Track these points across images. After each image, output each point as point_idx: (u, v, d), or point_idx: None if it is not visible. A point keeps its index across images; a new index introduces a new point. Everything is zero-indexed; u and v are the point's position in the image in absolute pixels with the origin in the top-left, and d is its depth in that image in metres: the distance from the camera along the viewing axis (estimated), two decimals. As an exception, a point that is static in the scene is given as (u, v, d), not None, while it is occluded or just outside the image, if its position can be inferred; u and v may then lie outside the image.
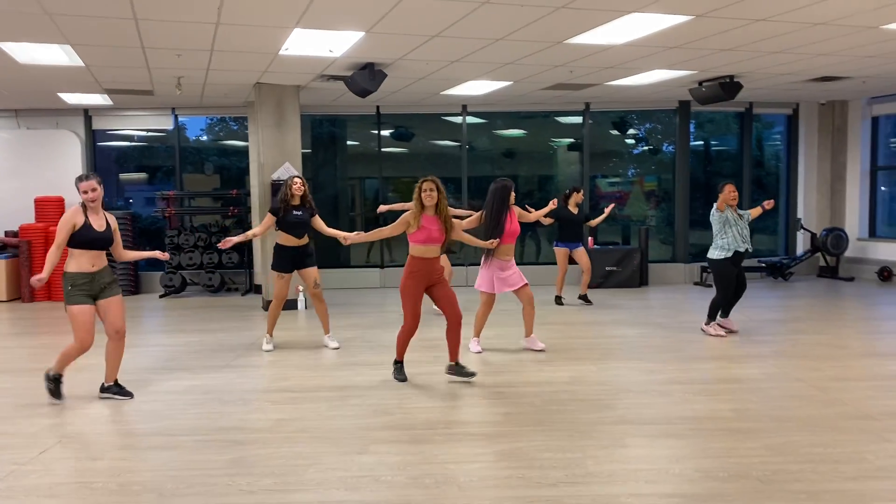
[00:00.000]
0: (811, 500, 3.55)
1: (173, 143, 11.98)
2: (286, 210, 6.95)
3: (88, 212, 5.25)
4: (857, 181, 12.53)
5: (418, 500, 3.66)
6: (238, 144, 12.80)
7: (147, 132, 12.42)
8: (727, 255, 7.37)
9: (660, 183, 13.25)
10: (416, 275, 5.72)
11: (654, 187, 13.26)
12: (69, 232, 5.17)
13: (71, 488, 3.88)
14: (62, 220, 5.21)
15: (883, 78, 9.89)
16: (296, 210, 6.96)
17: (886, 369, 6.13)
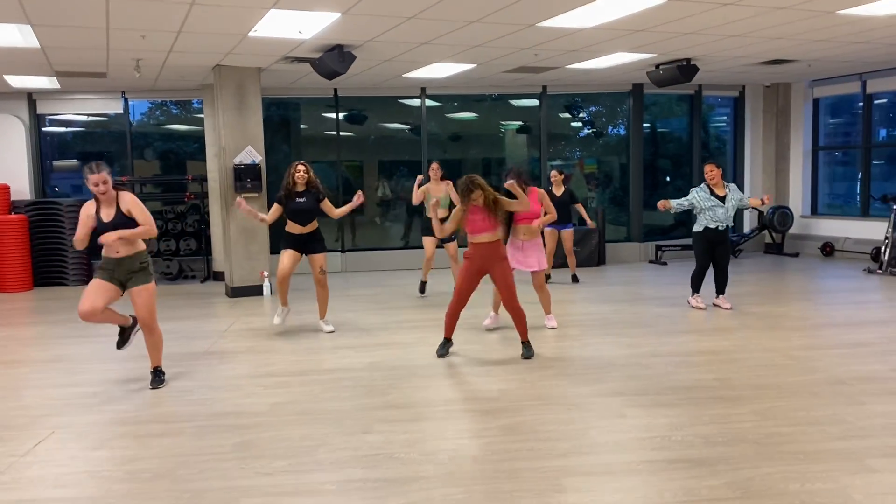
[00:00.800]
0: (808, 461, 3.77)
1: (119, 128, 11.64)
2: (289, 197, 6.85)
3: (100, 203, 5.17)
4: (799, 161, 13.07)
5: (437, 474, 3.73)
6: (181, 129, 12.51)
7: (90, 117, 12.01)
8: (699, 229, 7.69)
9: (599, 165, 13.50)
10: (471, 258, 5.96)
11: (594, 169, 13.51)
12: (88, 225, 5.16)
13: (77, 478, 3.82)
14: (82, 212, 5.21)
15: (827, 61, 10.32)
16: (299, 197, 6.85)
17: (848, 338, 6.48)
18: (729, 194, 7.70)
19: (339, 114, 12.16)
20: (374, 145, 12.97)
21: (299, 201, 6.86)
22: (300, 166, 6.90)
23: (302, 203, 6.87)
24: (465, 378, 5.54)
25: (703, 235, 7.71)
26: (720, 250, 7.76)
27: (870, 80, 11.78)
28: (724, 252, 7.81)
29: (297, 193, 6.86)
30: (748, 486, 3.47)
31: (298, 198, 6.86)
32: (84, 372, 5.96)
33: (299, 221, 6.91)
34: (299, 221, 6.91)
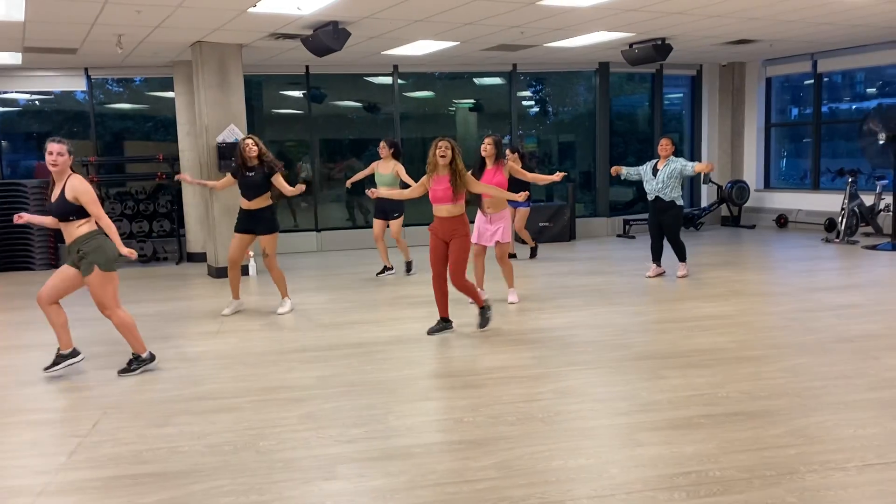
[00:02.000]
0: (851, 409, 4.10)
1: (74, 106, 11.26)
2: (241, 171, 6.84)
3: (53, 181, 4.91)
4: (753, 137, 13.69)
5: (514, 434, 3.90)
6: (123, 108, 12.16)
7: (39, 96, 11.57)
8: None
9: (538, 143, 13.76)
10: (432, 230, 5.97)
11: (535, 148, 13.77)
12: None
13: (158, 454, 3.82)
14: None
15: (788, 41, 10.83)
16: (249, 171, 6.80)
17: (836, 301, 6.94)
18: (668, 167, 8.01)
19: (309, 91, 12.04)
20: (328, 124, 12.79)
21: (248, 175, 6.82)
22: (248, 140, 6.82)
23: (250, 177, 6.81)
24: (494, 347, 5.69)
25: (649, 206, 8.14)
26: (663, 218, 8.12)
27: (820, 59, 12.41)
28: (668, 221, 8.14)
29: (248, 168, 6.80)
30: (807, 433, 3.77)
31: (248, 172, 6.81)
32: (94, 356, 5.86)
33: (246, 196, 6.88)
34: (246, 196, 6.88)
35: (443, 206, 5.87)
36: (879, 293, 7.29)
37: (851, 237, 10.81)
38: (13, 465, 3.74)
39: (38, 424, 4.33)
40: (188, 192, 10.89)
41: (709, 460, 3.47)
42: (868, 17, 8.83)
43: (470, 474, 3.44)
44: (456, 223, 5.88)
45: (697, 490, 3.18)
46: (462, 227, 5.88)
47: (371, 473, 3.49)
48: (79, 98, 11.60)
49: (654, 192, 7.99)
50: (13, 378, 5.31)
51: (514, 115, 12.78)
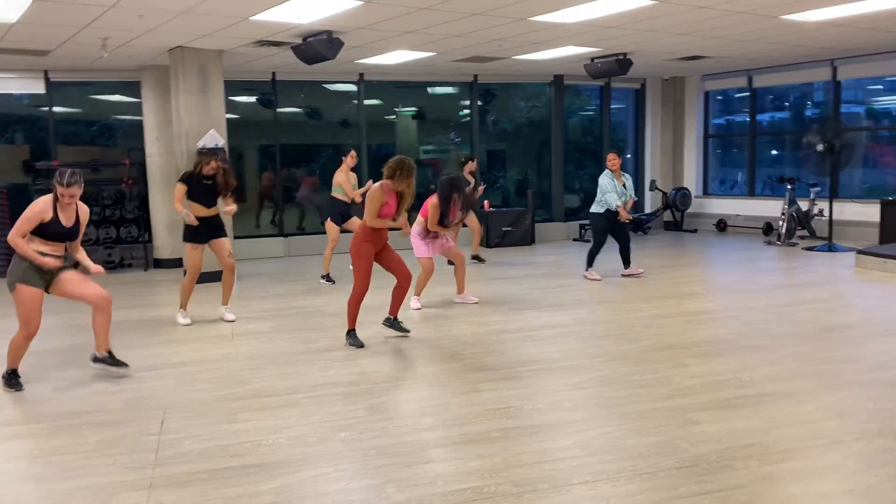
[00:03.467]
0: (861, 388, 4.64)
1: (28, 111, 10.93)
2: (196, 180, 6.82)
3: (59, 206, 4.91)
4: (693, 147, 14.56)
5: (579, 419, 4.23)
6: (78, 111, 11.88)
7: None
8: (602, 211, 8.59)
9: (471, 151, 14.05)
10: (371, 242, 5.87)
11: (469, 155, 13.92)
12: (33, 226, 4.85)
13: (245, 447, 3.94)
14: (30, 211, 4.84)
15: (733, 58, 11.65)
16: (206, 179, 6.84)
17: (803, 296, 7.61)
18: (627, 183, 8.63)
19: (276, 98, 12.07)
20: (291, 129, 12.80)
21: (206, 183, 6.84)
22: (213, 162, 6.85)
23: (208, 185, 6.85)
24: (505, 346, 6.02)
25: (605, 216, 8.60)
26: (621, 228, 8.69)
27: (755, 75, 13.37)
28: (624, 229, 8.75)
29: (205, 177, 6.84)
30: (837, 408, 4.26)
31: (206, 180, 6.84)
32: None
33: (206, 203, 6.86)
34: (206, 203, 6.86)
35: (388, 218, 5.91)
36: (839, 289, 8.04)
37: (790, 240, 11.70)
38: (103, 463, 3.79)
39: (103, 425, 4.35)
40: (156, 198, 10.74)
41: (763, 434, 3.91)
42: (814, 38, 9.67)
43: (556, 453, 3.75)
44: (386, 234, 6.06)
45: (782, 454, 3.60)
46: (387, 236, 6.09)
47: (465, 456, 3.74)
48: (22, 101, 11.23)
49: (623, 203, 8.51)
50: (48, 385, 5.25)
51: (475, 123, 13.16)
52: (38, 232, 4.87)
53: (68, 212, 4.97)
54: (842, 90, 12.47)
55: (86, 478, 3.62)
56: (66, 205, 4.92)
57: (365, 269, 5.86)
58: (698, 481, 3.37)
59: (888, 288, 7.94)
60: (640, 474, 3.46)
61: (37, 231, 4.86)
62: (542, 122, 14.25)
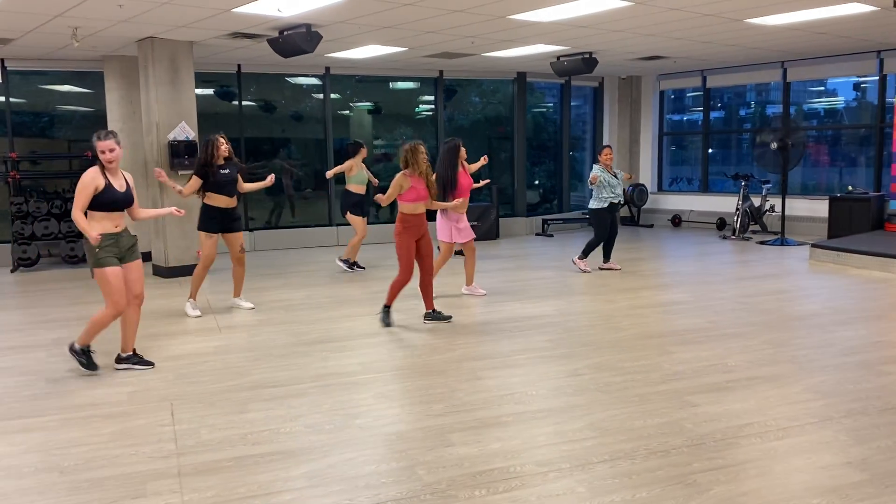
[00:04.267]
0: (838, 371, 4.96)
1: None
2: (214, 170, 6.79)
3: (107, 172, 4.98)
4: (649, 144, 15.00)
5: (582, 403, 4.42)
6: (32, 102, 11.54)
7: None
8: (603, 205, 8.85)
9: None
10: (409, 230, 6.26)
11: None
12: (90, 196, 4.90)
13: (263, 436, 4.00)
14: (81, 182, 4.92)
15: (691, 59, 12.07)
16: (223, 169, 6.83)
17: (766, 287, 7.99)
18: (618, 174, 8.97)
19: (241, 90, 11.97)
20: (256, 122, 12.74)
21: (224, 172, 6.83)
22: (220, 138, 6.84)
23: (227, 174, 6.85)
24: (496, 335, 6.19)
25: (607, 210, 8.90)
26: (616, 219, 9.02)
27: (709, 75, 13.86)
28: (615, 225, 9.08)
29: (220, 166, 6.82)
30: (820, 389, 4.56)
31: (223, 169, 6.83)
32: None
33: (227, 193, 6.87)
34: (227, 193, 6.87)
35: (423, 203, 6.31)
36: (798, 280, 8.46)
37: (745, 234, 12.19)
38: (125, 454, 3.81)
39: (112, 417, 4.35)
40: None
41: (758, 413, 4.17)
42: (769, 41, 10.11)
43: (570, 435, 3.93)
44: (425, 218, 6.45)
45: (781, 431, 3.85)
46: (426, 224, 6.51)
47: (484, 439, 3.89)
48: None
49: (618, 193, 8.79)
50: (40, 377, 5.19)
51: (440, 119, 13.29)
52: (97, 205, 4.91)
53: (118, 177, 5.03)
54: (771, 91, 13.05)
55: (110, 468, 3.64)
56: (111, 165, 4.95)
57: (406, 258, 6.24)
58: (709, 458, 3.59)
59: (843, 279, 8.40)
60: (654, 452, 3.67)
61: (96, 204, 4.91)
62: (498, 118, 14.46)
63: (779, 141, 11.17)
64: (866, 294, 7.57)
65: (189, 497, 3.30)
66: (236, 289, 7.29)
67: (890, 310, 6.81)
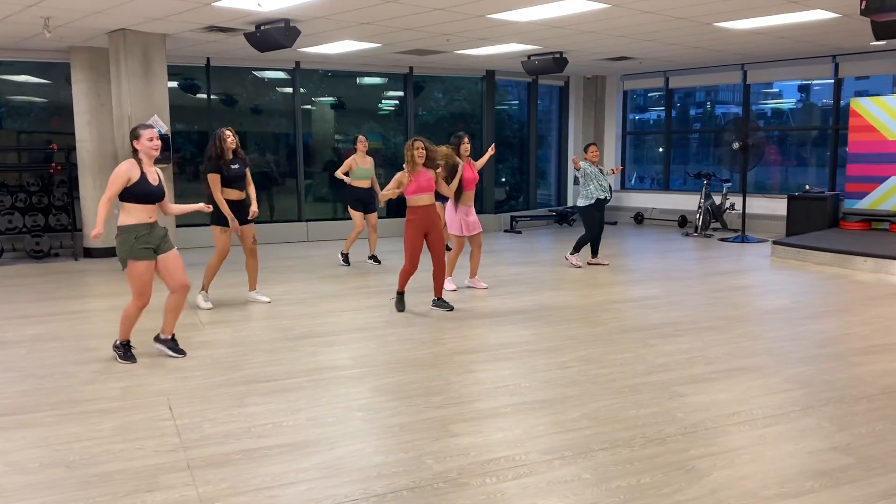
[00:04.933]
0: (813, 362, 5.20)
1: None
2: (225, 164, 6.83)
3: (143, 165, 5.04)
4: (613, 143, 15.30)
5: (575, 394, 4.56)
6: None
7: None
8: (590, 201, 9.05)
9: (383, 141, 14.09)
10: (415, 221, 6.52)
11: (380, 146, 14.03)
12: (122, 185, 4.97)
13: (266, 429, 4.04)
14: (116, 172, 5.00)
15: (655, 60, 12.36)
16: (232, 163, 6.86)
17: (734, 282, 8.28)
18: (604, 170, 9.21)
19: (209, 84, 11.85)
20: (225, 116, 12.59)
21: (235, 168, 6.85)
22: (227, 131, 6.83)
23: (237, 169, 6.87)
24: (506, 325, 6.31)
25: (595, 206, 9.12)
26: (602, 217, 9.24)
27: (672, 76, 14.20)
28: (602, 221, 9.30)
29: (230, 160, 6.84)
30: (799, 379, 4.78)
31: (233, 164, 6.85)
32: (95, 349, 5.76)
33: (238, 187, 6.91)
34: (238, 187, 6.91)
35: (427, 194, 6.57)
36: (763, 276, 8.78)
37: (706, 231, 12.55)
38: (129, 448, 3.81)
39: (109, 412, 4.32)
40: (86, 185, 10.37)
41: (744, 403, 4.37)
42: (733, 44, 10.43)
43: (568, 424, 4.06)
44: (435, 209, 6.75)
45: (768, 419, 4.04)
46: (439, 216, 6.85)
47: (486, 430, 3.99)
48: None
49: (607, 191, 8.98)
50: (26, 372, 5.12)
51: (409, 115, 13.34)
52: (132, 197, 4.97)
53: (151, 171, 5.08)
54: (720, 92, 13.46)
55: (117, 462, 3.64)
56: (154, 153, 5.03)
57: (411, 248, 6.51)
58: (704, 444, 3.76)
59: (805, 274, 8.73)
60: (651, 440, 3.82)
61: (131, 196, 4.97)
62: (462, 114, 14.57)
63: (740, 141, 11.53)
64: (829, 289, 7.90)
65: (204, 489, 3.33)
66: (251, 282, 7.31)
67: (852, 304, 7.12)
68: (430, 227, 6.57)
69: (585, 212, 9.17)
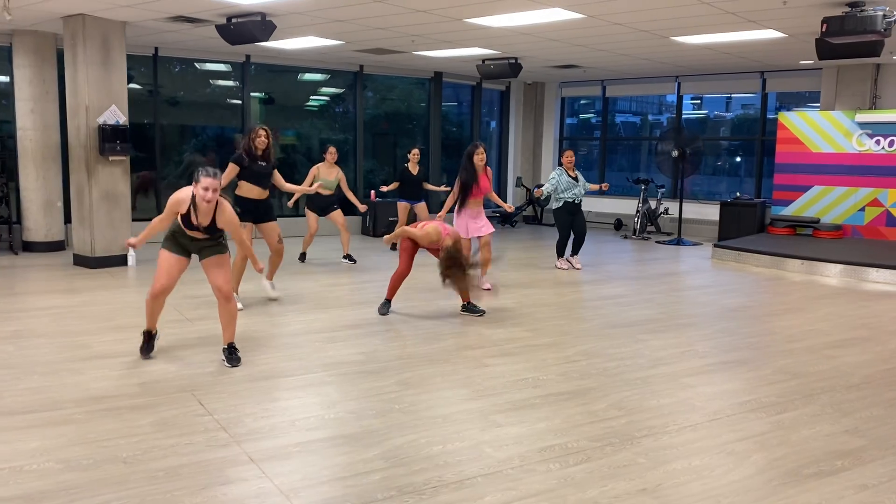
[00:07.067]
0: (792, 356, 5.65)
1: None
2: (251, 160, 6.75)
3: (196, 204, 4.83)
4: (551, 148, 15.77)
5: (593, 386, 4.80)
6: None
7: None
8: (560, 205, 9.40)
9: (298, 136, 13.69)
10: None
11: (294, 141, 13.75)
12: (173, 215, 4.96)
13: (311, 422, 4.09)
14: (173, 200, 4.91)
15: (597, 69, 12.86)
16: (261, 161, 6.81)
17: (690, 282, 8.82)
18: (579, 176, 9.55)
19: (156, 75, 11.48)
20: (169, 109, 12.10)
21: (262, 164, 6.83)
22: (261, 130, 6.80)
23: (264, 167, 6.85)
24: (507, 323, 6.49)
25: (564, 209, 9.45)
26: (578, 219, 9.59)
27: (609, 85, 14.79)
28: (582, 221, 9.64)
29: (258, 157, 6.81)
30: (790, 370, 5.20)
31: (261, 161, 6.83)
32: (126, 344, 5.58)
33: (262, 185, 6.87)
34: (262, 185, 6.87)
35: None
36: (713, 276, 9.33)
37: (643, 234, 13.17)
38: (180, 443, 3.76)
39: (141, 409, 4.24)
40: (28, 175, 9.86)
41: (751, 392, 4.73)
42: (681, 57, 11.01)
43: (601, 414, 4.29)
44: None
45: (777, 406, 4.40)
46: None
47: (527, 420, 4.17)
48: None
49: (577, 196, 9.28)
50: (26, 370, 4.92)
51: (359, 113, 13.33)
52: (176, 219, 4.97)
53: (206, 212, 4.85)
54: (644, 103, 14.20)
55: (174, 457, 3.60)
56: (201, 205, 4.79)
57: (403, 252, 6.67)
58: (731, 430, 4.07)
59: (748, 276, 9.34)
60: (684, 427, 4.10)
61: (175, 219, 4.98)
62: (396, 114, 14.61)
63: (678, 149, 12.17)
64: (777, 289, 8.51)
65: (280, 481, 3.36)
66: (270, 272, 7.25)
67: (804, 303, 7.70)
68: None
69: (556, 214, 9.51)
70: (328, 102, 13.86)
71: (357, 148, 13.35)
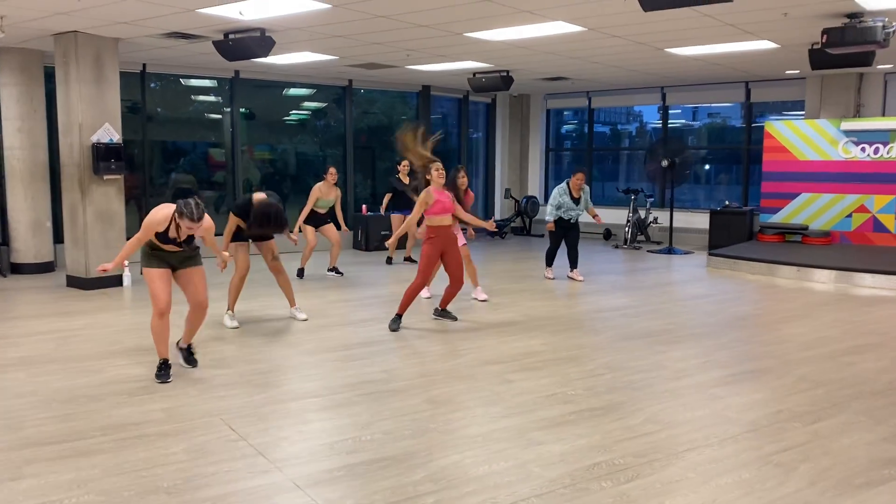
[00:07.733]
0: (811, 363, 5.69)
1: None
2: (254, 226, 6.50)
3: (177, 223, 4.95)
4: (537, 159, 15.83)
5: (624, 400, 4.79)
6: None
7: None
8: (552, 219, 9.41)
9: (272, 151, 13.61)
10: (434, 241, 6.65)
11: (268, 156, 13.63)
12: (150, 235, 5.02)
13: (346, 444, 4.01)
14: (151, 221, 4.97)
15: (585, 80, 12.95)
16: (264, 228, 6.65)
17: (691, 291, 8.84)
18: (583, 196, 9.55)
19: (144, 92, 11.31)
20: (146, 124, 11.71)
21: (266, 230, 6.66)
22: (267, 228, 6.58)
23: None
24: (525, 335, 6.45)
25: (557, 224, 9.47)
26: (571, 234, 9.61)
27: (594, 97, 14.90)
28: (575, 235, 9.67)
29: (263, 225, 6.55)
30: (811, 378, 5.23)
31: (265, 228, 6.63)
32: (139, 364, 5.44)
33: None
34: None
35: (447, 215, 6.78)
36: (712, 285, 9.39)
37: (634, 243, 13.24)
38: (220, 471, 3.67)
39: (171, 436, 4.13)
40: (16, 196, 9.64)
41: (781, 401, 4.74)
42: (670, 68, 11.13)
43: (639, 429, 4.27)
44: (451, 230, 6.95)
45: (810, 416, 4.41)
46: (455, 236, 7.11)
47: (566, 437, 4.14)
48: None
49: (573, 215, 9.30)
50: (43, 397, 4.77)
51: (348, 127, 13.27)
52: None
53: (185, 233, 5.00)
54: (622, 114, 14.35)
55: (218, 486, 3.51)
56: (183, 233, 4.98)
57: (424, 265, 6.68)
58: (774, 441, 4.07)
59: (746, 283, 9.43)
60: (724, 440, 4.09)
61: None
62: (378, 127, 14.52)
63: (668, 159, 12.28)
64: (778, 296, 8.58)
65: (333, 507, 3.28)
66: (289, 299, 7.14)
67: (808, 310, 7.77)
68: (447, 246, 6.73)
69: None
70: (310, 117, 13.77)
71: (347, 162, 13.26)
